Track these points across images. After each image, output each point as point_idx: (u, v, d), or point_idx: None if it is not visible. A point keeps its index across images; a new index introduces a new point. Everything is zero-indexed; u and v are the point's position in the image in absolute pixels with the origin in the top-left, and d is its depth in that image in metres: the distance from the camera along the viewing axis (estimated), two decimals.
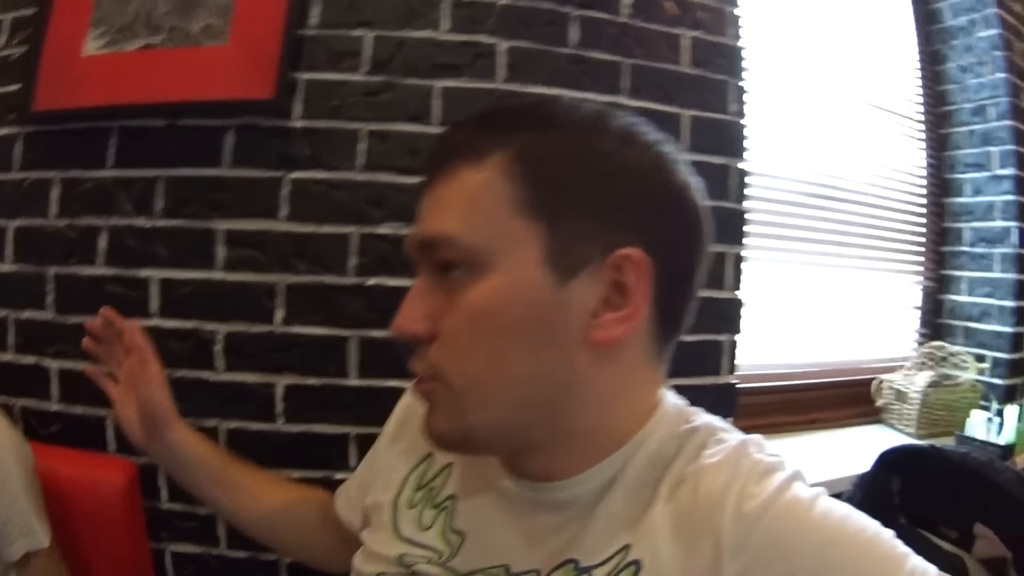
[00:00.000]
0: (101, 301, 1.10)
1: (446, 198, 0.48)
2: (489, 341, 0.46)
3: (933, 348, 1.79)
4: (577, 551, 0.48)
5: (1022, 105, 1.84)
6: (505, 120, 0.50)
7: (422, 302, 0.48)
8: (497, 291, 0.46)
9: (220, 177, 1.12)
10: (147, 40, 1.19)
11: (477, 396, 0.47)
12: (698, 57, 1.22)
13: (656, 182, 0.49)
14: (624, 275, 0.46)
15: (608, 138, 0.48)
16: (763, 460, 0.48)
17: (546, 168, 0.47)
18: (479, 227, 0.46)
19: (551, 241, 0.46)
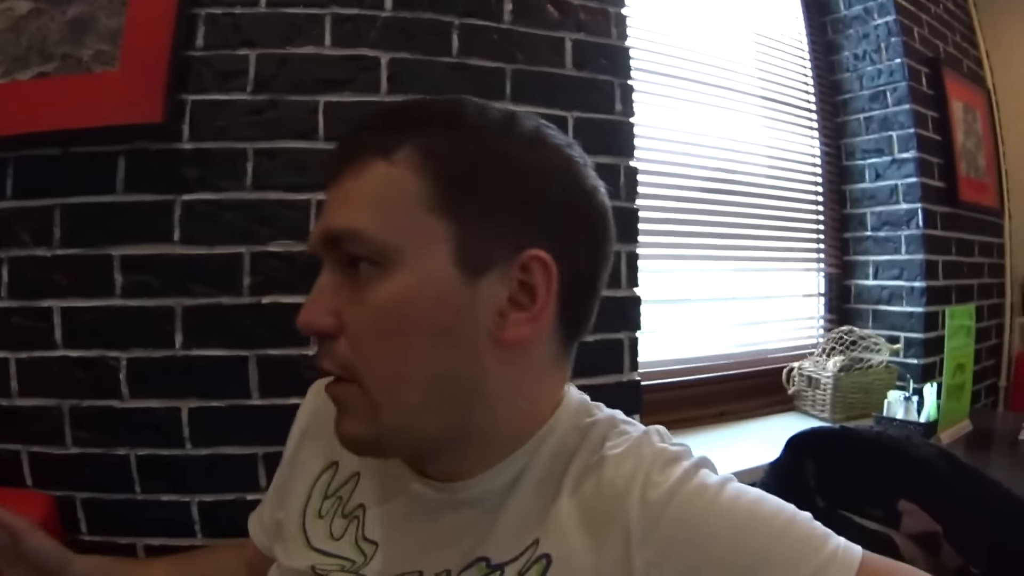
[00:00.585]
0: (7, 334, 1.11)
1: (354, 192, 0.47)
2: (397, 338, 0.46)
3: (842, 332, 1.81)
4: (487, 549, 0.48)
5: (920, 89, 1.87)
6: (415, 116, 0.49)
7: (327, 297, 0.48)
8: (405, 288, 0.46)
9: (114, 203, 1.11)
10: (40, 68, 1.18)
11: (390, 398, 0.47)
12: (581, 59, 1.23)
13: (565, 185, 0.49)
14: (531, 276, 0.47)
15: (518, 140, 0.49)
16: (667, 449, 0.49)
17: (456, 167, 0.47)
18: (387, 223, 0.46)
19: (460, 240, 0.46)
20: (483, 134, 0.48)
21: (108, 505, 1.12)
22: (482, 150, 0.47)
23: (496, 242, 0.47)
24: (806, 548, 0.42)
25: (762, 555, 0.42)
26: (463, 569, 0.49)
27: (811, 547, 0.42)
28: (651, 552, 0.43)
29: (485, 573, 0.48)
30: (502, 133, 0.49)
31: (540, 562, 0.46)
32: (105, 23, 1.17)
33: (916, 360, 1.82)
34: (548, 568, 0.46)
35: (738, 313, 1.84)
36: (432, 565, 0.50)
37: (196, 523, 1.12)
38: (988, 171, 2.07)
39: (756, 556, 0.42)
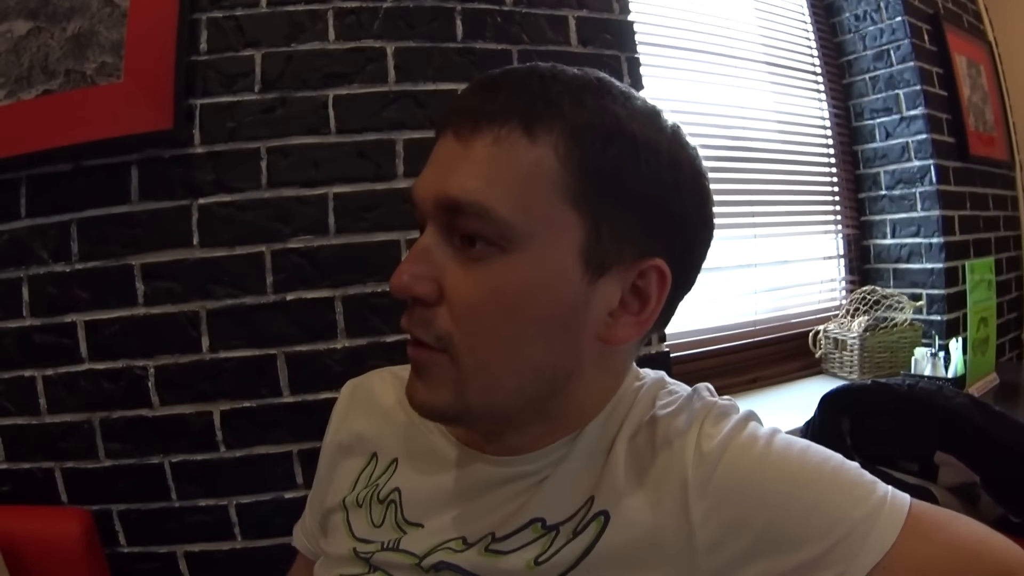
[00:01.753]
0: (32, 352, 1.11)
1: (485, 160, 0.43)
2: (509, 324, 0.44)
3: (865, 293, 1.80)
4: (541, 510, 0.48)
5: (923, 45, 1.86)
6: (562, 93, 0.45)
7: (430, 262, 0.45)
8: (527, 275, 0.44)
9: (130, 213, 1.11)
10: (45, 86, 1.18)
11: (486, 378, 0.45)
12: (585, 36, 1.23)
13: (695, 196, 0.48)
14: (647, 283, 0.46)
15: (661, 149, 0.46)
16: (717, 402, 0.50)
17: (602, 165, 0.44)
18: (520, 204, 0.43)
19: (592, 235, 0.44)
20: (632, 133, 0.45)
21: (145, 515, 1.12)
22: (629, 154, 0.44)
23: (624, 244, 0.45)
24: (857, 495, 0.43)
25: (814, 502, 0.43)
26: (516, 531, 0.48)
27: (861, 493, 0.43)
28: (709, 502, 0.44)
29: (540, 534, 0.48)
30: (648, 136, 0.45)
31: (598, 519, 0.47)
32: (106, 36, 1.17)
33: (939, 316, 1.81)
34: (606, 525, 0.46)
35: (761, 280, 1.84)
36: (476, 529, 0.50)
37: (235, 526, 1.13)
38: (996, 125, 2.07)
39: (808, 502, 0.43)
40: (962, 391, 1.26)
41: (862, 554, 0.41)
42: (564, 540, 0.47)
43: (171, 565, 1.13)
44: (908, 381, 1.27)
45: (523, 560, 0.47)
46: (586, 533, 0.46)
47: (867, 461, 1.16)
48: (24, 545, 1.01)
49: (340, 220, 1.13)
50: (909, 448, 1.13)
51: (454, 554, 0.50)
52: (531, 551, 0.47)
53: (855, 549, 0.41)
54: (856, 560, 0.41)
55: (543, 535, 0.48)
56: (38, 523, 1.06)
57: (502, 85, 0.45)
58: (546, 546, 0.47)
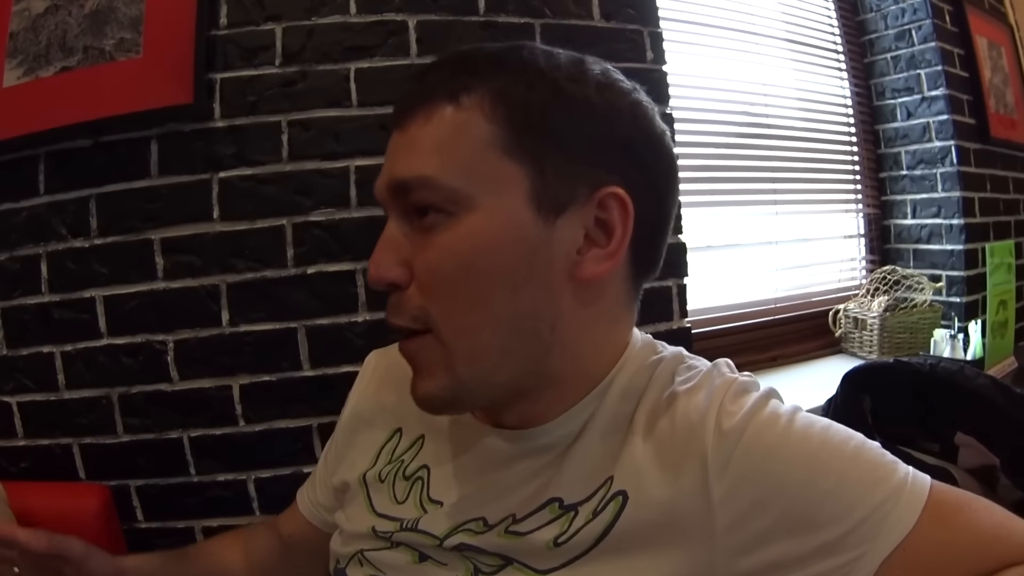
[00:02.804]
0: (51, 328, 1.11)
1: (421, 139, 0.46)
2: (474, 282, 0.45)
3: (885, 272, 1.80)
4: (559, 490, 0.48)
5: (944, 26, 1.85)
6: (483, 61, 0.48)
7: (396, 247, 0.47)
8: (481, 231, 0.45)
9: (150, 187, 1.11)
10: (64, 63, 1.18)
11: (468, 344, 0.46)
12: (608, 9, 1.22)
13: (636, 126, 0.49)
14: (608, 213, 0.47)
15: (588, 83, 0.47)
16: (737, 379, 0.49)
17: (529, 111, 0.45)
18: (459, 168, 0.45)
19: (537, 181, 0.45)
20: (553, 76, 0.47)
21: (164, 490, 1.12)
22: (553, 92, 0.46)
23: (572, 182, 0.46)
24: (878, 475, 0.43)
25: (835, 484, 0.42)
26: (534, 511, 0.48)
27: (882, 474, 0.43)
28: (729, 481, 0.43)
29: (558, 514, 0.47)
30: (572, 76, 0.47)
31: (616, 499, 0.46)
32: (125, 11, 1.17)
33: (959, 298, 1.80)
34: (625, 504, 0.46)
35: (781, 258, 1.83)
36: (496, 511, 0.50)
37: (254, 500, 1.13)
38: (1017, 107, 2.05)
39: (829, 483, 0.42)
40: (983, 372, 1.25)
41: (882, 536, 0.41)
42: (583, 521, 0.46)
43: (189, 540, 1.13)
44: (930, 361, 1.26)
45: (542, 540, 0.47)
46: (605, 513, 0.46)
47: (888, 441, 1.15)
48: (42, 521, 1.01)
49: (362, 193, 1.12)
50: (930, 429, 1.12)
51: (474, 535, 0.49)
52: (550, 531, 0.47)
53: (875, 531, 0.41)
54: (876, 542, 0.41)
55: (561, 515, 0.47)
56: (56, 499, 1.07)
57: (427, 72, 0.48)
58: (565, 526, 0.47)
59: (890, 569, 0.41)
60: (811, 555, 0.42)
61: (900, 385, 1.14)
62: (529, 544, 0.47)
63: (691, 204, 1.58)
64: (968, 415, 1.07)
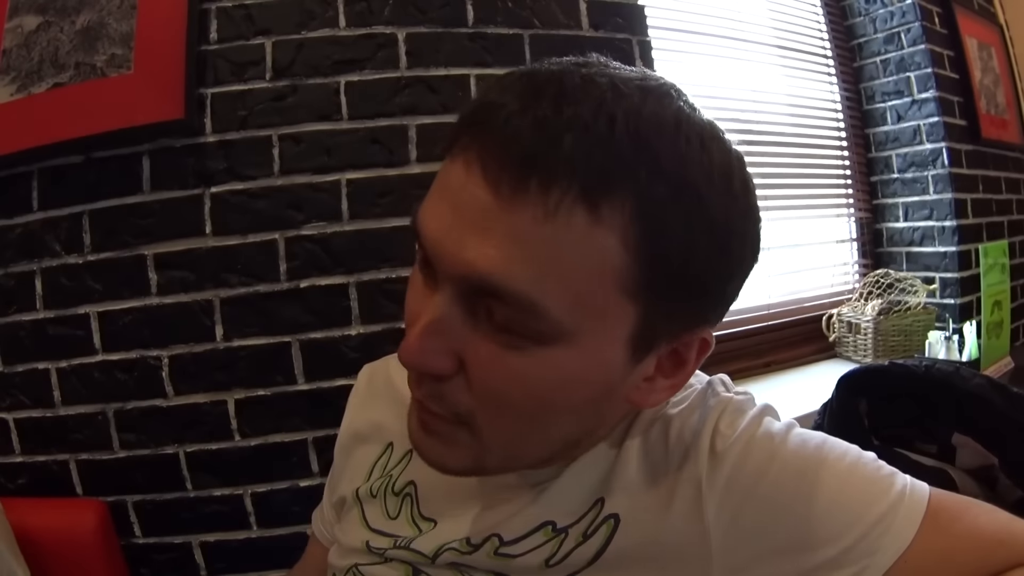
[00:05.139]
0: (46, 344, 1.11)
1: (539, 243, 0.34)
2: (540, 410, 0.40)
3: (878, 276, 1.80)
4: (551, 513, 0.47)
5: (933, 28, 1.85)
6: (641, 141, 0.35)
7: (445, 332, 0.38)
8: (568, 368, 0.38)
9: (142, 203, 1.11)
10: (55, 79, 1.18)
11: (507, 452, 0.42)
12: (596, 19, 1.23)
13: (753, 263, 0.42)
14: (687, 349, 0.42)
15: (737, 204, 0.38)
16: (732, 399, 0.48)
17: (674, 244, 0.36)
18: (576, 302, 0.36)
19: (644, 323, 0.38)
20: (711, 213, 0.36)
21: (160, 506, 1.12)
22: (705, 235, 0.36)
23: (674, 322, 0.40)
24: (874, 490, 0.42)
25: (831, 502, 0.42)
26: (527, 534, 0.48)
27: (879, 488, 0.42)
28: (724, 504, 0.43)
29: (550, 536, 0.47)
30: (726, 203, 0.38)
31: (608, 522, 0.45)
32: (116, 28, 1.17)
33: (953, 300, 1.80)
34: (617, 528, 0.45)
35: (774, 263, 1.83)
36: (481, 531, 0.49)
37: (250, 515, 1.13)
38: (1008, 107, 2.05)
39: (825, 502, 0.42)
40: (980, 372, 1.25)
41: (881, 551, 0.41)
42: (573, 543, 0.46)
43: (187, 555, 1.13)
44: (925, 362, 1.26)
45: (535, 562, 0.47)
46: (596, 536, 0.45)
47: (885, 443, 1.15)
48: (40, 537, 1.02)
49: (353, 206, 1.13)
50: (927, 430, 1.12)
51: (461, 555, 0.49)
52: (541, 553, 0.46)
53: (874, 546, 0.41)
54: (875, 556, 0.41)
55: (553, 537, 0.47)
56: (54, 515, 1.07)
57: (567, 124, 0.34)
58: (556, 548, 0.46)
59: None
60: (808, 574, 0.42)
61: (896, 387, 1.14)
62: (521, 566, 0.47)
63: None
64: (965, 415, 1.07)
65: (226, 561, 1.13)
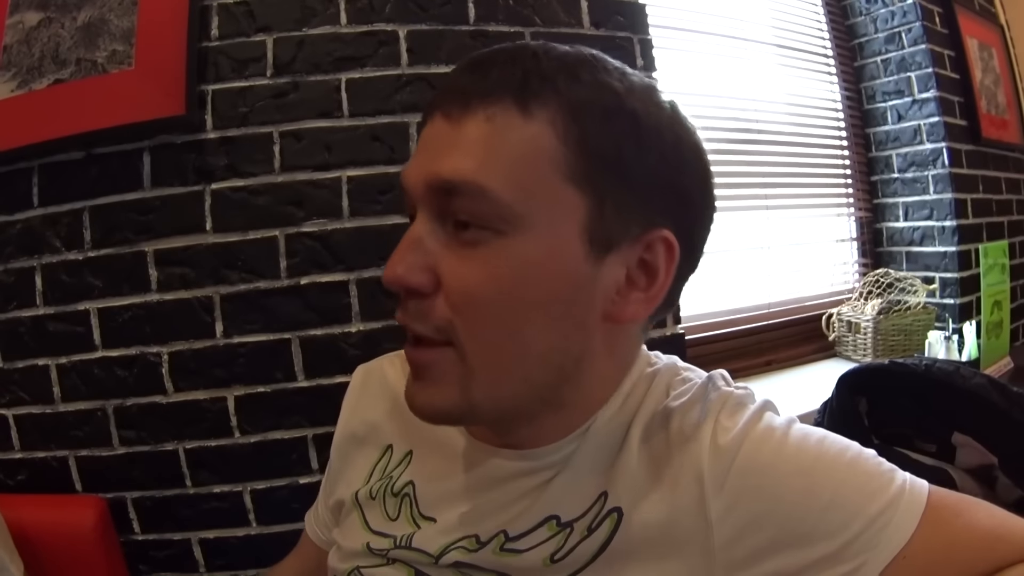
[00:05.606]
0: (45, 341, 1.11)
1: (480, 139, 0.41)
2: (512, 309, 0.42)
3: (878, 275, 1.80)
4: (556, 507, 0.48)
5: (934, 28, 1.85)
6: (556, 67, 0.42)
7: (423, 250, 0.43)
8: (529, 257, 0.41)
9: (143, 199, 1.11)
10: (56, 75, 1.18)
11: (491, 369, 0.43)
12: (597, 17, 1.23)
13: (696, 169, 0.47)
14: (654, 256, 0.45)
15: (662, 118, 0.44)
16: (732, 393, 0.48)
17: (605, 138, 0.42)
18: (518, 184, 0.41)
19: (595, 214, 0.42)
20: (632, 106, 0.43)
21: (160, 502, 1.12)
22: (631, 124, 0.43)
23: (629, 220, 0.43)
24: (874, 485, 0.43)
25: (831, 497, 0.42)
26: (531, 529, 0.48)
27: (879, 484, 0.43)
28: (726, 498, 0.43)
29: (555, 531, 0.47)
30: (648, 107, 0.44)
31: (612, 516, 0.46)
32: (117, 24, 1.17)
33: (953, 300, 1.81)
34: (620, 521, 0.45)
35: (774, 263, 1.84)
36: (489, 527, 0.49)
37: (250, 512, 1.13)
38: (1008, 108, 2.05)
39: (825, 497, 0.42)
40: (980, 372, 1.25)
41: (880, 546, 0.41)
42: (579, 537, 0.46)
43: (186, 552, 1.13)
44: (925, 362, 1.26)
45: (539, 557, 0.47)
46: (600, 530, 0.46)
47: (884, 442, 1.15)
48: (39, 534, 1.02)
49: (354, 203, 1.13)
50: (927, 429, 1.12)
51: (468, 553, 0.49)
52: (547, 548, 0.47)
53: (874, 541, 0.41)
54: (875, 552, 0.41)
55: (558, 532, 0.47)
56: (53, 511, 1.07)
57: (493, 62, 0.43)
58: (561, 543, 0.47)
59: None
60: (809, 568, 0.42)
61: (896, 386, 1.14)
62: (526, 561, 0.47)
63: None
64: (965, 415, 1.06)
65: (225, 558, 1.13)
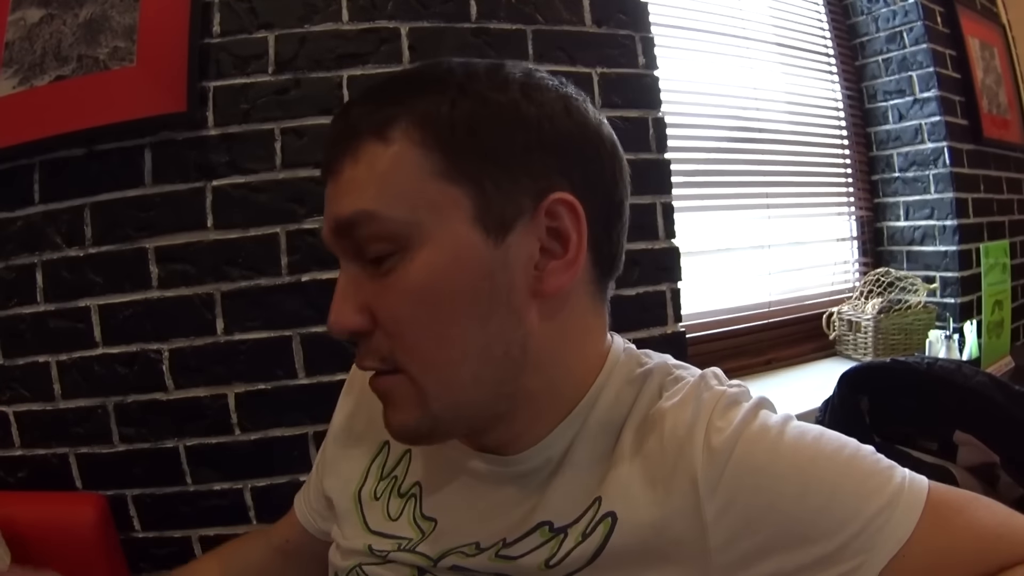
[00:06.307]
0: (46, 338, 1.11)
1: (356, 179, 0.44)
2: (436, 318, 0.44)
3: (878, 275, 1.80)
4: (548, 513, 0.47)
5: (936, 27, 1.86)
6: (400, 87, 0.46)
7: (352, 294, 0.45)
8: (433, 264, 0.43)
9: (144, 196, 1.11)
10: (58, 72, 1.18)
11: (439, 381, 0.45)
12: (599, 15, 1.23)
13: (569, 123, 0.47)
14: (559, 221, 0.45)
15: (512, 88, 0.46)
16: (726, 392, 0.47)
17: (456, 129, 0.44)
18: (398, 199, 0.43)
19: (477, 201, 0.43)
20: (475, 89, 0.45)
21: (160, 500, 1.12)
22: (478, 105, 0.44)
23: (515, 195, 0.44)
24: (872, 484, 0.42)
25: (828, 497, 0.42)
26: (525, 535, 0.48)
27: (878, 483, 0.42)
28: (720, 499, 0.43)
29: (548, 537, 0.47)
30: (494, 84, 0.46)
31: (605, 521, 0.45)
32: (119, 21, 1.17)
33: (953, 299, 1.80)
34: (615, 526, 0.45)
35: (775, 261, 1.84)
36: (489, 534, 0.49)
37: (250, 509, 1.12)
38: (1010, 107, 2.05)
39: (822, 497, 0.42)
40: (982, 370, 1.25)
41: (879, 545, 0.40)
42: (573, 543, 0.46)
43: (186, 550, 1.12)
44: (927, 360, 1.26)
45: (534, 563, 0.47)
46: (595, 535, 0.45)
47: (886, 440, 1.14)
48: (39, 531, 1.01)
49: None
50: (928, 427, 1.12)
51: (467, 558, 0.49)
52: (541, 554, 0.47)
53: (872, 541, 0.41)
54: (873, 552, 0.40)
55: (552, 538, 0.47)
56: (53, 509, 1.06)
57: (347, 110, 0.47)
58: (555, 549, 0.46)
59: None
60: (806, 569, 0.41)
61: (898, 384, 1.14)
62: (522, 567, 0.47)
63: (684, 209, 1.57)
64: (967, 413, 1.06)
65: None
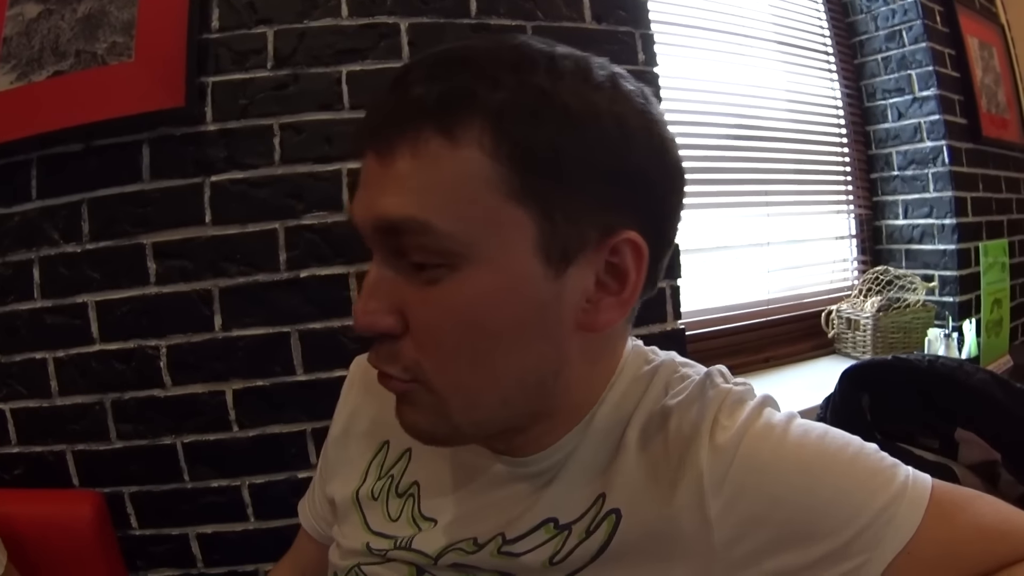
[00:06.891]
0: (43, 334, 1.11)
1: (412, 177, 0.39)
2: (477, 343, 0.41)
3: (877, 273, 1.80)
4: (553, 510, 0.47)
5: (935, 26, 1.86)
6: (476, 69, 0.40)
7: (386, 293, 0.42)
8: (485, 287, 0.40)
9: (142, 191, 1.11)
10: (56, 67, 1.18)
11: (464, 398, 0.43)
12: (599, 12, 1.23)
13: (649, 152, 0.43)
14: (622, 259, 0.43)
15: (598, 101, 0.41)
16: (731, 390, 0.47)
17: (537, 145, 0.39)
18: (457, 213, 0.39)
19: (545, 228, 0.40)
20: (563, 101, 0.39)
21: (157, 497, 1.12)
22: (563, 122, 0.39)
23: (583, 227, 0.41)
24: (877, 481, 0.42)
25: (833, 494, 0.42)
26: (528, 532, 0.47)
27: (882, 480, 0.42)
28: (726, 497, 0.43)
29: (553, 534, 0.47)
30: (581, 93, 0.40)
31: (610, 517, 0.45)
32: (117, 16, 1.16)
33: (952, 298, 1.81)
34: (619, 523, 0.45)
35: (774, 259, 1.84)
36: (487, 530, 0.49)
37: (248, 507, 1.12)
38: (1009, 107, 2.06)
39: (827, 494, 0.42)
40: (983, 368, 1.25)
41: (884, 542, 0.40)
42: (577, 540, 0.46)
43: (184, 547, 1.12)
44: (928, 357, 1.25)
45: (538, 560, 0.46)
46: (599, 532, 0.45)
47: (887, 438, 1.14)
48: (36, 528, 1.01)
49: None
50: (929, 425, 1.12)
51: (466, 555, 0.49)
52: (545, 551, 0.46)
53: (877, 538, 0.41)
54: (879, 548, 0.40)
55: (556, 535, 0.47)
56: (50, 506, 1.06)
57: (406, 84, 0.40)
58: (559, 545, 0.46)
59: (895, 573, 0.40)
60: (811, 566, 0.41)
61: (899, 382, 1.13)
62: (525, 563, 0.47)
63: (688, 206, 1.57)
64: (968, 411, 1.06)
65: (223, 553, 1.12)
